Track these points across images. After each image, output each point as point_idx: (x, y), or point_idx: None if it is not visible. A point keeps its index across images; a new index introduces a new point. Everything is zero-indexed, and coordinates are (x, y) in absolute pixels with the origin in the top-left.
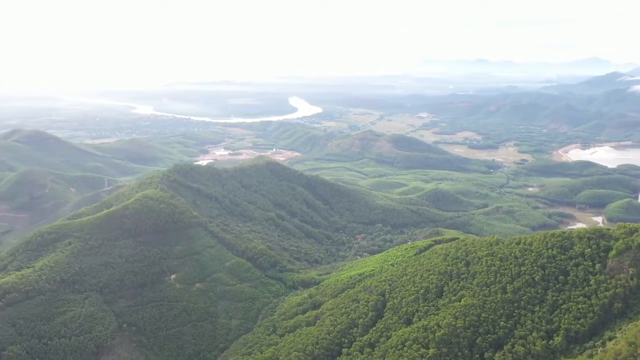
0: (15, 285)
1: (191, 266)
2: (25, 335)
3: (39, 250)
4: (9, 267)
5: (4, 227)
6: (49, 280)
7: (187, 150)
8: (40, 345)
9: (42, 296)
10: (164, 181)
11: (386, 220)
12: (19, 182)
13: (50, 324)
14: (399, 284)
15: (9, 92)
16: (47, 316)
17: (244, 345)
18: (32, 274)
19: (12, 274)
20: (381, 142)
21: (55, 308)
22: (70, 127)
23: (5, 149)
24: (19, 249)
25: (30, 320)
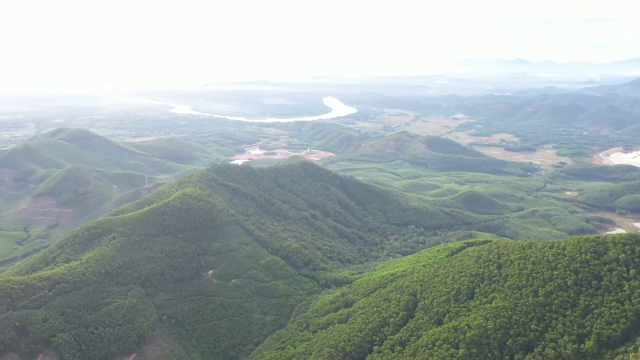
0: (64, 276)
1: (228, 262)
2: (73, 324)
3: (86, 244)
4: (57, 260)
5: (51, 222)
6: (94, 272)
7: (223, 150)
8: (87, 333)
9: (89, 287)
10: (203, 180)
11: (419, 222)
12: (65, 179)
13: (95, 313)
14: (430, 285)
15: (54, 92)
16: (93, 306)
17: (278, 340)
18: (79, 266)
19: (61, 265)
20: (415, 144)
21: (101, 299)
22: (112, 126)
23: (52, 147)
24: (67, 242)
25: (77, 310)
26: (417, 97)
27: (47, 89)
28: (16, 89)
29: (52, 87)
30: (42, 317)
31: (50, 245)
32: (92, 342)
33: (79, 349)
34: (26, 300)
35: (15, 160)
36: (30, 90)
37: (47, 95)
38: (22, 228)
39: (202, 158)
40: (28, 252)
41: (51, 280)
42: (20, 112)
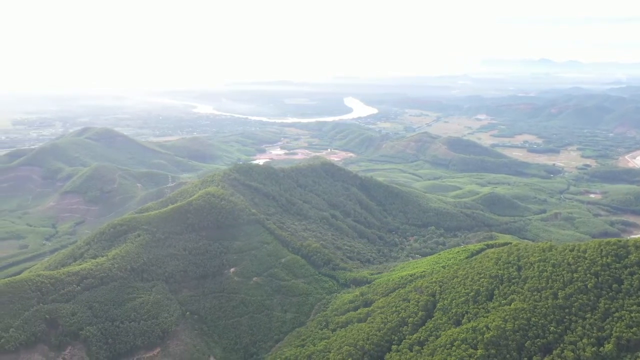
0: (91, 271)
1: (249, 261)
2: (99, 318)
3: (112, 241)
4: (85, 255)
5: (78, 219)
6: (120, 268)
7: (244, 149)
8: (113, 327)
9: (115, 283)
10: (225, 179)
11: (439, 223)
12: (91, 177)
13: (121, 308)
14: (449, 286)
15: (79, 92)
16: (119, 301)
17: (298, 337)
18: (105, 262)
19: (88, 261)
20: (437, 145)
21: (126, 294)
22: (135, 125)
23: (79, 146)
24: (94, 238)
25: (104, 304)
26: (439, 97)
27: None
28: (42, 88)
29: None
30: (71, 311)
31: (77, 242)
32: (118, 335)
33: (106, 342)
34: (56, 294)
35: (43, 158)
36: (56, 89)
37: (72, 95)
38: (50, 224)
39: (224, 157)
40: (56, 248)
41: (79, 276)
42: (47, 111)
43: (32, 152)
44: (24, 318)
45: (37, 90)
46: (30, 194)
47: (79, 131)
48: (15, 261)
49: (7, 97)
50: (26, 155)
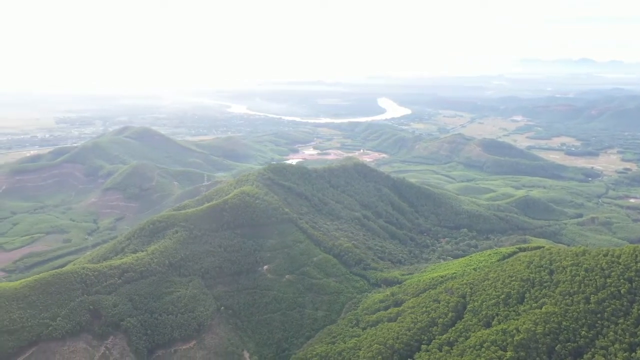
0: (132, 265)
1: (282, 259)
2: (139, 310)
3: (151, 237)
4: (126, 250)
5: (118, 215)
6: (159, 263)
7: (278, 149)
8: (152, 319)
9: (154, 277)
10: (259, 179)
11: (472, 226)
12: (130, 175)
13: (160, 301)
14: (480, 288)
15: (118, 92)
16: (157, 294)
17: (328, 335)
18: (145, 256)
19: (129, 255)
20: (471, 146)
21: (165, 288)
22: (172, 124)
23: (119, 144)
24: (134, 234)
25: (143, 297)
26: (473, 98)
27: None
28: (83, 88)
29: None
30: (113, 302)
31: (118, 237)
32: (156, 327)
33: (145, 333)
34: (99, 286)
35: (85, 156)
36: (95, 89)
37: (111, 95)
38: (91, 220)
39: (258, 157)
40: (97, 243)
41: (120, 269)
42: (88, 110)
43: (74, 150)
44: (69, 308)
45: (78, 90)
46: (73, 191)
47: (118, 130)
48: (59, 254)
49: (51, 96)
50: (69, 153)
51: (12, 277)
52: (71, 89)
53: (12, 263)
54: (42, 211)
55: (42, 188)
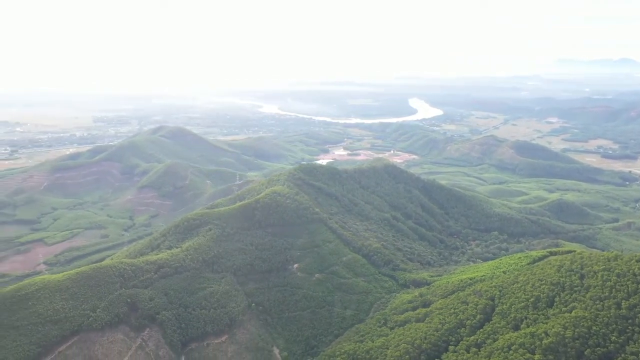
0: (167, 261)
1: (312, 258)
2: (174, 304)
3: (185, 234)
4: (161, 246)
5: (153, 212)
6: (193, 259)
7: (308, 149)
8: (186, 313)
9: (188, 272)
10: (290, 179)
11: (503, 229)
12: (165, 173)
13: (193, 296)
14: (509, 291)
15: (153, 92)
16: (191, 290)
17: (357, 333)
18: (180, 253)
19: (164, 252)
20: (503, 148)
21: (198, 284)
22: (205, 124)
23: (154, 144)
24: (169, 231)
25: (178, 292)
26: (507, 99)
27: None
28: (120, 88)
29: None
30: (149, 296)
31: (154, 233)
32: (190, 321)
33: (179, 326)
34: (136, 280)
35: (122, 155)
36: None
37: (146, 94)
38: (128, 216)
39: (289, 157)
40: (133, 239)
41: (156, 264)
42: (124, 110)
43: (112, 149)
44: (108, 300)
45: (115, 90)
46: (111, 188)
47: (153, 129)
48: (97, 249)
49: (88, 96)
50: (107, 152)
51: (53, 270)
52: (108, 89)
53: (53, 257)
54: (81, 207)
55: (81, 185)
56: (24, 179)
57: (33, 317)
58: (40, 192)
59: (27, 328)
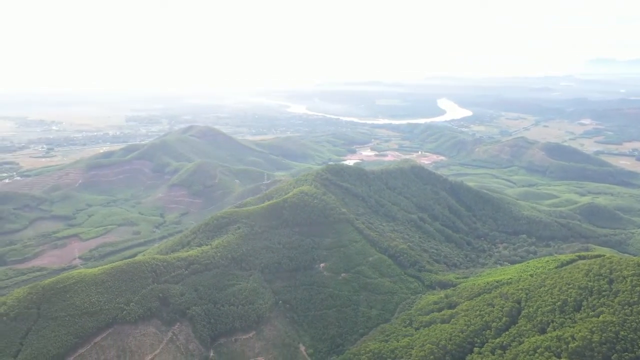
0: (197, 258)
1: (338, 257)
2: (204, 300)
3: (215, 232)
4: (192, 243)
5: (183, 210)
6: (222, 257)
7: (335, 150)
8: (215, 309)
9: (217, 269)
10: (318, 179)
11: (531, 232)
12: (195, 172)
13: (222, 293)
14: (535, 294)
15: (183, 92)
16: (220, 286)
17: (382, 333)
18: (209, 250)
19: (194, 249)
20: (533, 150)
21: (227, 280)
22: (233, 124)
23: (184, 143)
24: (199, 228)
25: (208, 288)
26: (538, 100)
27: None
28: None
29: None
30: (180, 292)
31: (184, 231)
32: (219, 317)
33: (209, 321)
34: (167, 275)
35: (154, 153)
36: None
37: (176, 94)
38: (159, 214)
39: (316, 157)
40: (164, 236)
41: (187, 261)
42: (155, 109)
43: (144, 148)
44: (141, 295)
45: (146, 89)
46: (142, 186)
47: (184, 129)
48: (129, 245)
49: (121, 95)
50: (139, 150)
51: (88, 265)
52: (140, 88)
53: (88, 252)
54: (114, 204)
55: (114, 183)
56: (60, 176)
57: (70, 308)
58: (76, 189)
59: (65, 319)
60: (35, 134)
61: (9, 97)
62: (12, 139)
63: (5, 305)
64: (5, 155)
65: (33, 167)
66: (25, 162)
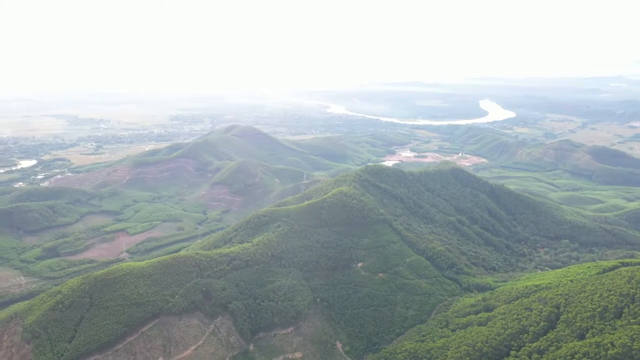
0: (238, 254)
1: (376, 257)
2: (244, 295)
3: (256, 229)
4: (233, 240)
5: (224, 207)
6: (262, 254)
7: (374, 150)
8: (255, 304)
9: (258, 266)
10: (357, 180)
11: (574, 237)
12: (237, 171)
13: (262, 288)
14: (575, 300)
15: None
16: (260, 282)
17: (418, 333)
18: (250, 247)
19: (236, 245)
20: (579, 153)
21: (267, 277)
22: (273, 124)
23: (226, 142)
24: (241, 226)
25: (248, 283)
26: (586, 101)
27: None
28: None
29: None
30: (222, 286)
31: (226, 228)
32: (259, 312)
33: (249, 316)
34: (210, 270)
35: (197, 152)
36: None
37: (218, 94)
38: (201, 211)
39: (355, 157)
40: (206, 232)
41: (229, 257)
42: (198, 109)
43: (187, 146)
44: (186, 288)
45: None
46: (186, 183)
47: (226, 128)
48: (173, 240)
49: (165, 95)
50: (183, 149)
51: (134, 258)
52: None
53: (134, 246)
54: (159, 201)
55: (159, 180)
56: (108, 172)
57: (120, 299)
58: (123, 185)
59: (115, 309)
60: (84, 132)
61: (63, 96)
62: (63, 137)
63: (60, 294)
64: (57, 152)
65: (83, 164)
66: (75, 158)
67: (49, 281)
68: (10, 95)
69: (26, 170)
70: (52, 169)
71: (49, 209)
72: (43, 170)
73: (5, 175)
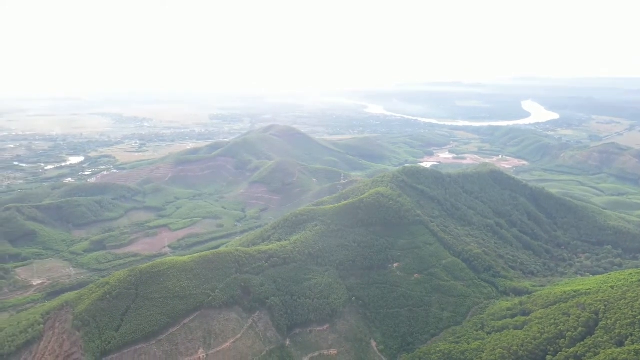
0: (276, 252)
1: (411, 258)
2: (282, 291)
3: (293, 228)
4: (271, 238)
5: (262, 206)
6: (299, 252)
7: (412, 151)
8: (292, 301)
9: (295, 264)
10: (394, 181)
11: (617, 243)
12: (275, 170)
13: (299, 286)
14: (615, 306)
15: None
16: (297, 279)
17: (453, 335)
18: (288, 245)
19: (274, 243)
20: (625, 157)
21: (303, 274)
22: (311, 123)
23: (264, 141)
24: (279, 224)
25: (285, 280)
26: (634, 102)
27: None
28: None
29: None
30: (260, 282)
31: (265, 226)
32: (295, 308)
33: (286, 312)
34: (249, 267)
35: (236, 151)
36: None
37: (258, 94)
38: (240, 209)
39: (392, 158)
40: (244, 230)
41: (267, 254)
42: (237, 108)
43: (227, 145)
44: (226, 283)
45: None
46: (225, 181)
47: (264, 128)
48: (213, 237)
49: (207, 95)
50: (223, 148)
51: (176, 253)
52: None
53: (176, 241)
54: (200, 198)
55: (199, 178)
56: (151, 170)
57: (164, 291)
58: (165, 182)
59: (159, 300)
60: (129, 130)
61: (107, 95)
62: (109, 134)
63: (108, 285)
64: (103, 149)
65: (128, 161)
66: (120, 155)
67: (96, 273)
68: (60, 95)
69: (74, 166)
70: (99, 165)
71: (96, 204)
72: (90, 167)
73: (55, 170)
